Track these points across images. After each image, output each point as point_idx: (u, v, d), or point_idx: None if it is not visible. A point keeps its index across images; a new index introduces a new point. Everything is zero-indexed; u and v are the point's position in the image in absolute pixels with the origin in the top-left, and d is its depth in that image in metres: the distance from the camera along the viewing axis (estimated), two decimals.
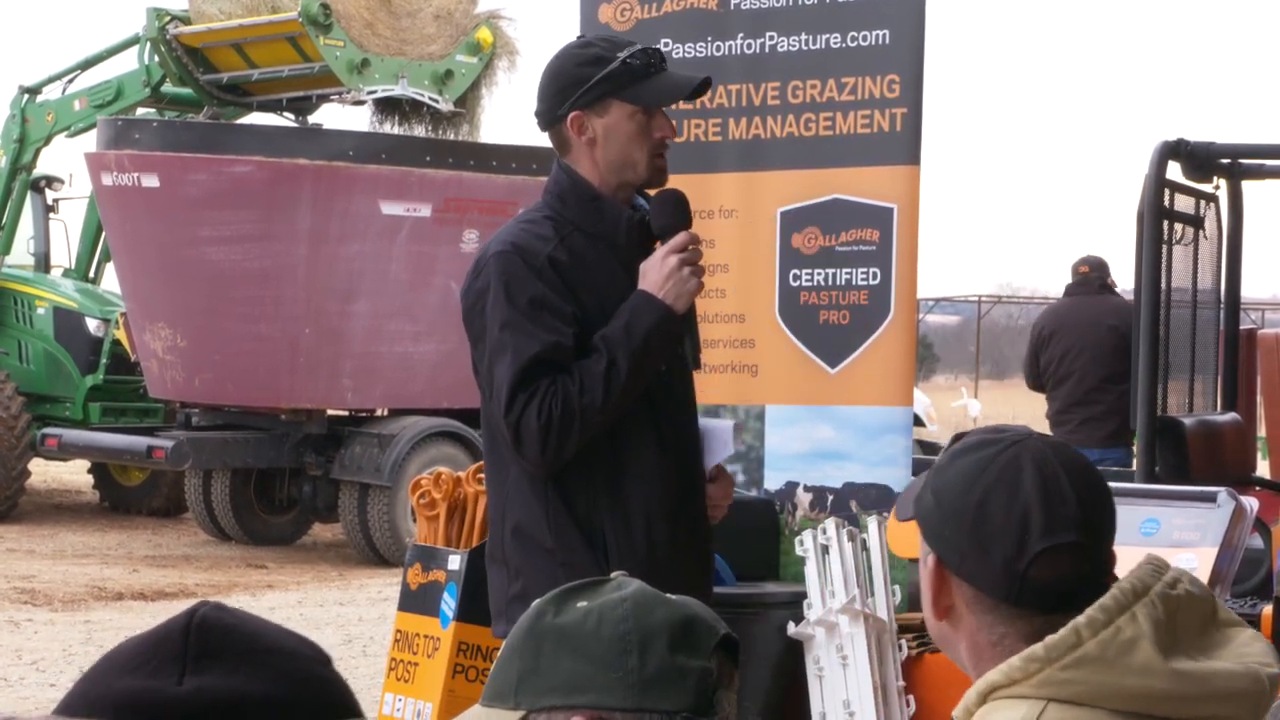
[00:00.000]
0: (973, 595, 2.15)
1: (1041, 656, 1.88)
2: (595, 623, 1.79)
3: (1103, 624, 1.87)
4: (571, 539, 3.92)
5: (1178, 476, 6.32)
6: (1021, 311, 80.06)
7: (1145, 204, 6.53)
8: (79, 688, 1.43)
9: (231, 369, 14.28)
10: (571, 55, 4.03)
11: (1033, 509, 2.13)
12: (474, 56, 15.52)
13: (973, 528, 2.15)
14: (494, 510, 4.08)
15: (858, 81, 5.56)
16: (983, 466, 2.17)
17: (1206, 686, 1.84)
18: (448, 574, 6.16)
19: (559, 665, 1.78)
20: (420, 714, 6.16)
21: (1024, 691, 1.89)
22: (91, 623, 11.36)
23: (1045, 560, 2.11)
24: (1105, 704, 1.85)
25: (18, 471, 16.17)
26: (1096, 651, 1.86)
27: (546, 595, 1.86)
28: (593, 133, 3.98)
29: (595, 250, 3.98)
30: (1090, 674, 1.86)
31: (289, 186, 13.92)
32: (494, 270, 3.93)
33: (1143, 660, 1.84)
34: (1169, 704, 1.84)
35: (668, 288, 3.95)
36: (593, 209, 3.99)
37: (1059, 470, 2.16)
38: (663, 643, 1.77)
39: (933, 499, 2.21)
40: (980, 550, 2.14)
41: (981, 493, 2.15)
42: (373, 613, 11.95)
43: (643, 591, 1.82)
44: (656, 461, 3.99)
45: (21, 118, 17.08)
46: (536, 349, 3.85)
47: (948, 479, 2.20)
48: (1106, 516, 2.20)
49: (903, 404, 5.57)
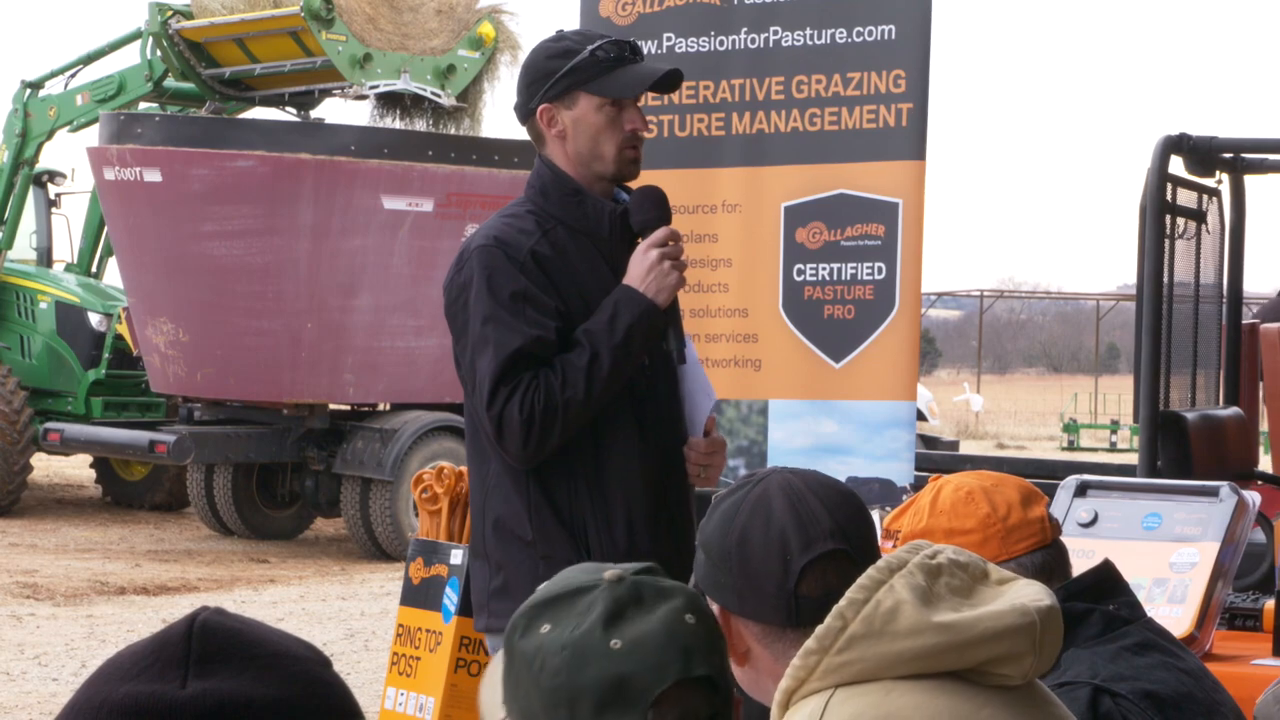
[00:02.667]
0: (760, 631, 2.28)
1: (815, 649, 1.91)
2: (539, 667, 1.84)
3: (863, 602, 1.90)
4: (552, 532, 3.92)
5: (1180, 471, 6.31)
6: (1023, 306, 79.98)
7: (1147, 198, 6.52)
8: (81, 694, 1.43)
9: (233, 364, 14.29)
10: (543, 48, 4.05)
11: (788, 531, 2.26)
12: (476, 51, 15.52)
13: (740, 566, 2.28)
14: (475, 504, 4.09)
15: (863, 76, 5.56)
16: (736, 508, 2.31)
17: (975, 630, 1.86)
18: (450, 568, 6.16)
19: (519, 690, 1.86)
20: (423, 708, 6.16)
21: (813, 686, 1.93)
22: (94, 617, 11.36)
23: (811, 574, 2.25)
24: (887, 674, 1.89)
25: (20, 466, 16.19)
26: (863, 628, 1.89)
27: (522, 606, 1.91)
28: (562, 125, 3.99)
29: (578, 244, 3.99)
30: (863, 650, 1.89)
31: (291, 181, 13.92)
32: (476, 264, 3.94)
33: (908, 623, 1.87)
34: (945, 656, 1.87)
35: (649, 281, 3.95)
36: (575, 203, 4.00)
37: (805, 491, 2.30)
38: (588, 706, 1.81)
39: (703, 554, 2.34)
40: (753, 585, 2.27)
41: (740, 531, 2.29)
42: (375, 607, 11.95)
43: (581, 642, 1.83)
44: (639, 455, 3.99)
45: (24, 112, 17.08)
46: (519, 343, 3.86)
47: (709, 531, 2.34)
48: (861, 524, 2.32)
49: (906, 399, 5.56)
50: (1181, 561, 4.23)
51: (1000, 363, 73.91)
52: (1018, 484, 2.85)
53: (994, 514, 2.78)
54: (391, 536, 14.38)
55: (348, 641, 10.56)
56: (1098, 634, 2.70)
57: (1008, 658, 1.88)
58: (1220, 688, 2.74)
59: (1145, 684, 2.64)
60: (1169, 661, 2.70)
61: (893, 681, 1.88)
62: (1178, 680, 2.66)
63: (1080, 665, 2.66)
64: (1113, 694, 2.62)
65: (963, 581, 1.93)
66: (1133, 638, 2.71)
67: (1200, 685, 2.70)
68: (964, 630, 1.86)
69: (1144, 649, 2.70)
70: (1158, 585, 4.14)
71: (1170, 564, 4.23)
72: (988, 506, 2.79)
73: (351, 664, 9.71)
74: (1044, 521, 2.81)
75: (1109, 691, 2.62)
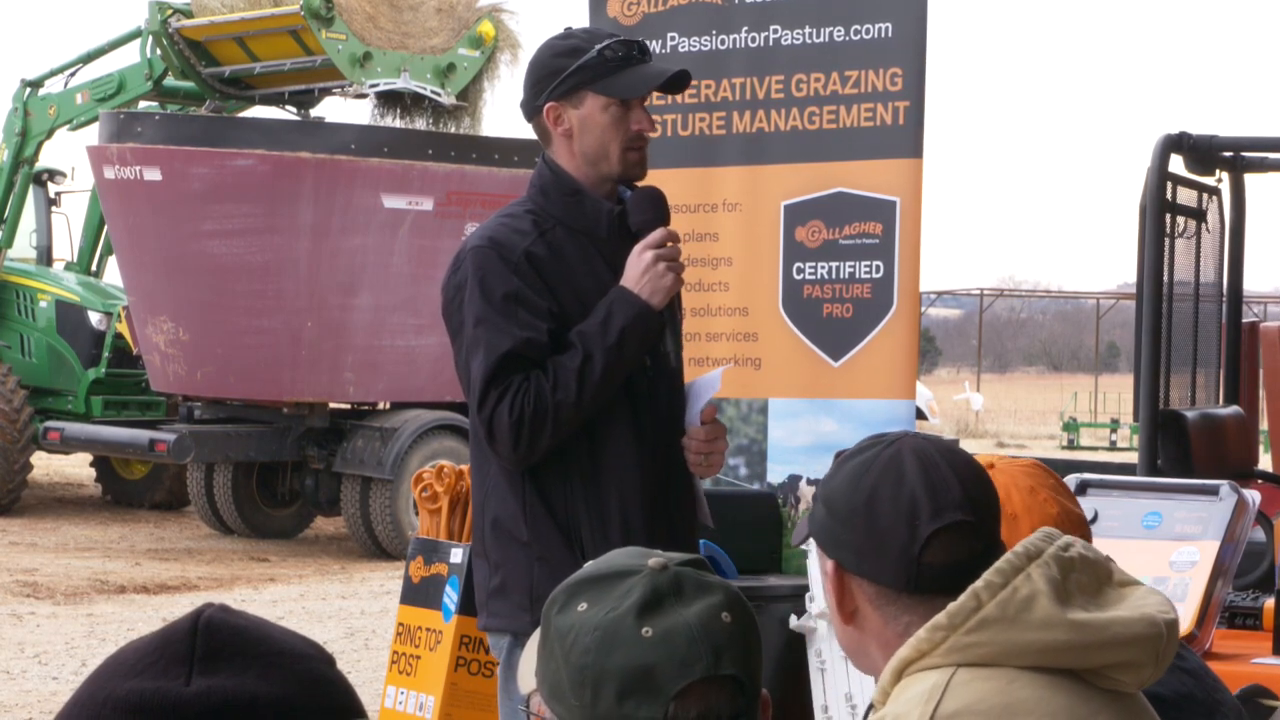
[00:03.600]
0: (875, 592, 2.22)
1: (945, 625, 1.91)
2: (570, 644, 1.85)
3: (1000, 586, 1.90)
4: (548, 534, 3.91)
5: (1180, 470, 6.32)
6: (1023, 305, 79.99)
7: (1148, 197, 6.52)
8: (84, 690, 1.42)
9: (233, 362, 14.29)
10: (550, 46, 4.04)
11: (919, 495, 2.21)
12: (476, 50, 15.52)
13: (865, 525, 2.22)
14: (476, 504, 4.09)
15: (861, 75, 5.56)
16: (866, 467, 2.26)
17: (1105, 633, 1.87)
18: (450, 567, 6.17)
19: (550, 663, 1.87)
20: (423, 707, 6.16)
21: (933, 661, 1.92)
22: (94, 616, 11.37)
23: (938, 542, 2.19)
24: (1011, 662, 1.88)
25: (20, 465, 16.19)
26: (997, 612, 1.89)
27: (565, 582, 1.91)
28: (568, 124, 3.97)
29: (576, 244, 3.98)
30: (994, 634, 1.88)
31: (291, 180, 13.92)
32: (470, 265, 3.94)
33: (1042, 615, 1.87)
34: (1071, 654, 1.87)
35: (644, 283, 3.93)
36: (574, 203, 3.99)
37: (938, 458, 2.24)
38: (612, 689, 1.81)
39: (823, 508, 2.28)
40: (875, 545, 2.21)
41: (868, 491, 2.23)
42: (375, 606, 11.95)
43: (614, 624, 1.84)
44: (635, 458, 3.97)
45: (24, 111, 17.08)
46: (509, 345, 3.86)
47: (834, 486, 2.28)
48: (989, 495, 2.27)
49: (905, 397, 5.56)
50: (1181, 560, 4.24)
51: (1000, 361, 73.92)
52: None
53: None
54: (391, 535, 14.38)
55: (348, 640, 10.56)
56: None
57: (1129, 665, 1.88)
58: (1221, 686, 2.75)
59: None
60: (1170, 662, 2.70)
61: (1016, 670, 1.88)
62: (1179, 681, 2.66)
63: None
64: None
65: (1090, 579, 1.93)
66: None
67: (1201, 685, 2.70)
68: (1096, 632, 1.86)
69: None
70: (1158, 584, 4.14)
71: (1170, 562, 4.23)
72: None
73: (352, 663, 9.71)
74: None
75: None
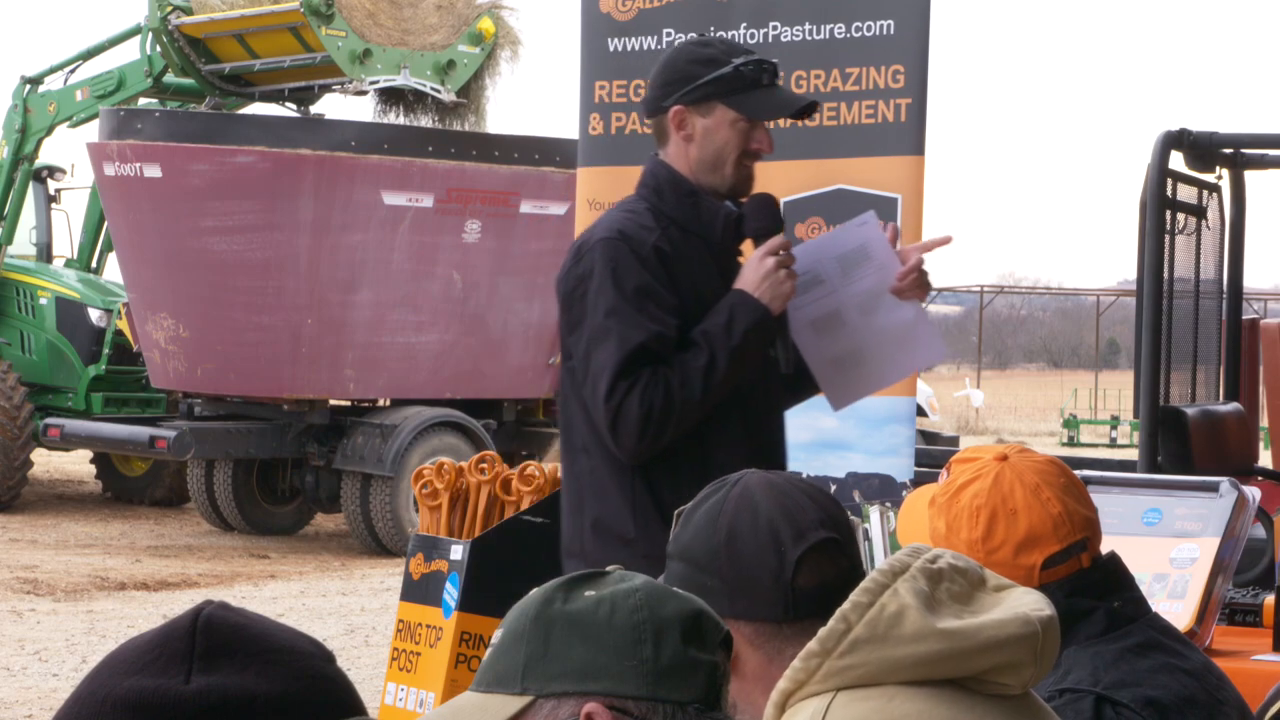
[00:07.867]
0: (752, 631, 2.23)
1: (818, 650, 1.91)
2: (608, 611, 1.80)
3: (867, 605, 1.90)
4: (656, 531, 3.85)
5: (1180, 466, 6.32)
6: (1024, 302, 79.98)
7: (1148, 194, 6.52)
8: (84, 687, 1.42)
9: (234, 359, 14.29)
10: (686, 50, 4.09)
11: (778, 522, 2.23)
12: (476, 47, 15.52)
13: (730, 564, 2.24)
14: (569, 503, 4.05)
15: (862, 72, 5.56)
16: (718, 508, 2.27)
17: (979, 638, 1.87)
18: (450, 564, 6.17)
19: (570, 652, 1.78)
20: (423, 704, 6.17)
21: (812, 689, 1.92)
22: (94, 613, 11.37)
23: (807, 564, 2.22)
24: (889, 679, 1.88)
25: (20, 461, 16.19)
26: (866, 632, 1.88)
27: (550, 582, 1.87)
28: (691, 129, 4.00)
29: (691, 245, 3.99)
30: (867, 654, 1.88)
31: (291, 177, 13.92)
32: (600, 256, 3.91)
33: (912, 628, 1.87)
34: (948, 663, 1.87)
35: (764, 288, 3.95)
36: (690, 204, 4.01)
37: (786, 485, 2.28)
38: (676, 634, 1.79)
39: (681, 565, 2.28)
40: (745, 581, 2.23)
41: (726, 530, 2.25)
42: (375, 603, 11.96)
43: (651, 584, 1.84)
44: (745, 461, 3.98)
45: (23, 108, 17.07)
46: (642, 338, 3.84)
47: (688, 538, 2.29)
48: (843, 514, 2.30)
49: (906, 394, 5.56)
50: (1181, 557, 4.24)
51: (1000, 358, 73.86)
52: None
53: None
54: (392, 532, 14.39)
55: (348, 637, 10.56)
56: (1100, 633, 2.69)
57: (1009, 666, 1.88)
58: (1224, 684, 2.74)
59: (1147, 690, 2.64)
60: (1171, 663, 2.69)
61: (895, 687, 1.88)
62: (1180, 684, 2.66)
63: (1082, 669, 2.66)
64: (1115, 703, 2.62)
65: (962, 587, 1.94)
66: (1135, 638, 2.70)
67: (1203, 686, 2.69)
68: (967, 637, 1.87)
69: (1146, 650, 2.69)
70: (1158, 581, 4.14)
71: (1170, 559, 4.23)
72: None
73: (352, 659, 9.71)
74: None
75: (1111, 700, 2.62)
